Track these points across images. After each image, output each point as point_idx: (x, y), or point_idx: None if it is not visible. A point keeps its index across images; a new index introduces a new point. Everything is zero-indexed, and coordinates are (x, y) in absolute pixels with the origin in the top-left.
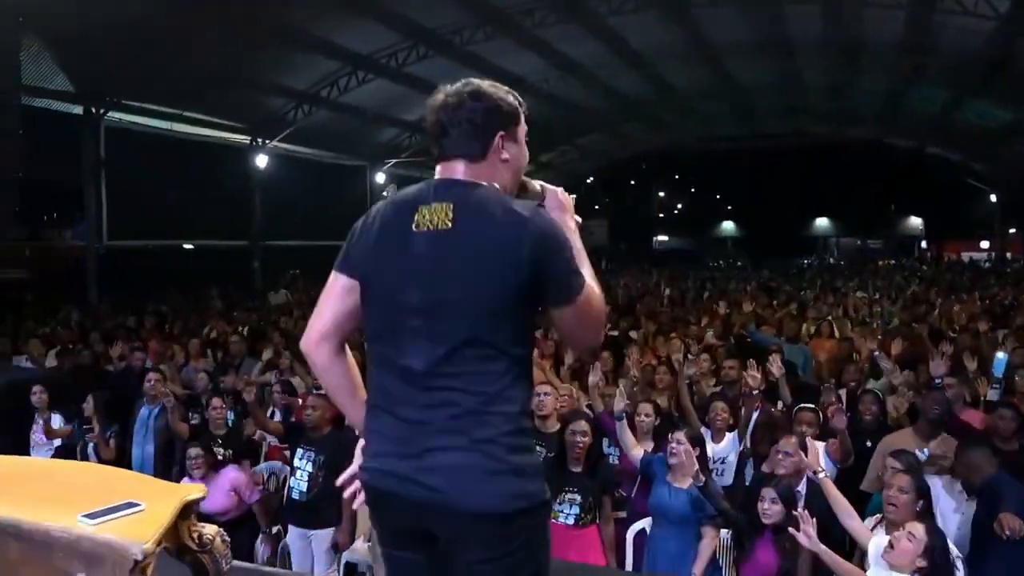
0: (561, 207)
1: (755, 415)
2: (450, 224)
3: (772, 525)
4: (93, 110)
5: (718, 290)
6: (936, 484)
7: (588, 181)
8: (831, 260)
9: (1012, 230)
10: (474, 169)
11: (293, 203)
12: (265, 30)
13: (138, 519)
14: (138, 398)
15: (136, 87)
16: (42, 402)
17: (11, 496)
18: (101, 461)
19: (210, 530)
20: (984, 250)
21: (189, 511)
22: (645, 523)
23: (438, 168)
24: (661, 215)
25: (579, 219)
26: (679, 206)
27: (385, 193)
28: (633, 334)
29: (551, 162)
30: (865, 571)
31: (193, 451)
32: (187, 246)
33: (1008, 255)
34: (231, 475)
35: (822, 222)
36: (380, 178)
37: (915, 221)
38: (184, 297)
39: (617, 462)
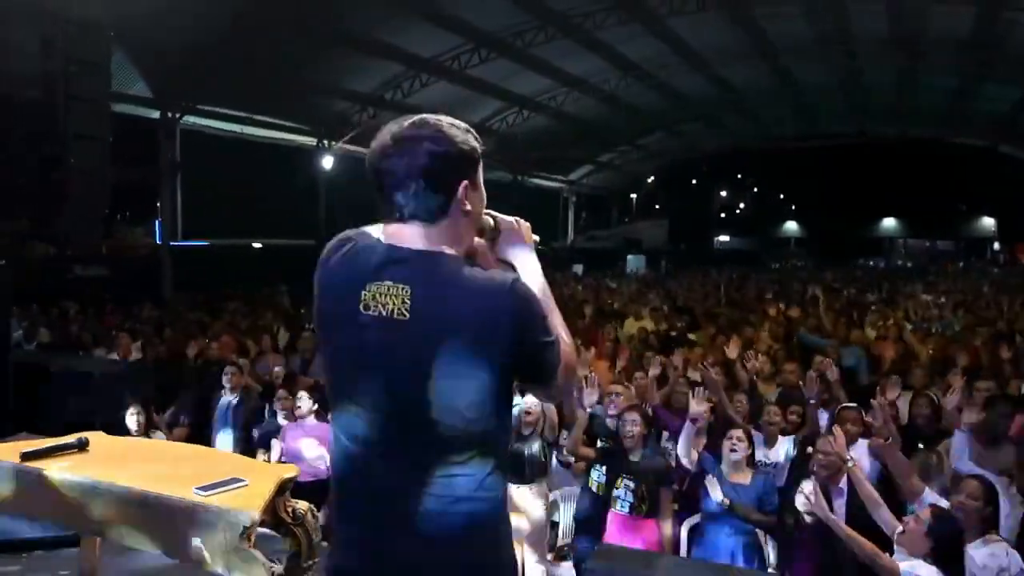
0: (520, 239)
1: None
2: (407, 314)
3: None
4: (170, 114)
5: (782, 292)
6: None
7: (648, 181)
8: (898, 261)
9: None
10: (434, 231)
11: (357, 203)
12: (330, 35)
13: (243, 493)
14: (215, 391)
15: (209, 92)
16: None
17: (135, 471)
18: None
19: (302, 506)
20: None
21: (285, 488)
22: (698, 518)
23: (387, 229)
24: (722, 215)
25: (537, 238)
26: (740, 206)
27: None
28: (692, 335)
29: (611, 162)
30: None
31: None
32: (256, 245)
33: None
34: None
35: (888, 222)
36: None
37: (987, 222)
38: (253, 294)
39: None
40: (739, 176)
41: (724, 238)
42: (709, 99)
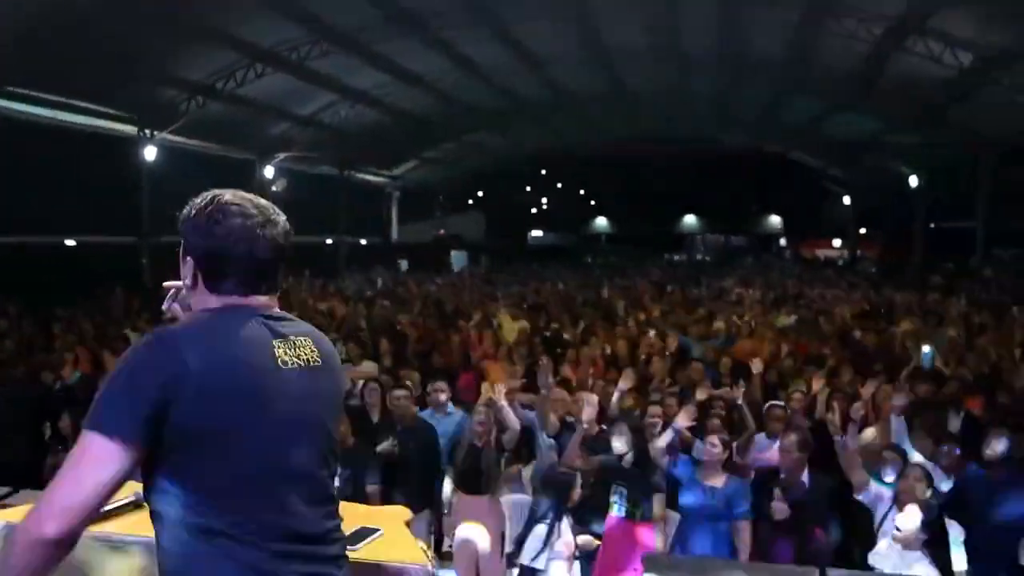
0: None
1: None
2: (320, 360)
3: (783, 521)
4: None
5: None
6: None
7: (466, 177)
8: (698, 256)
9: (863, 231)
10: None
11: (182, 197)
12: (161, 18)
13: (388, 541)
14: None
15: (19, 73)
16: None
17: None
18: None
19: (423, 544)
20: (836, 248)
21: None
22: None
23: (258, 300)
24: (534, 211)
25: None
26: (552, 203)
27: (275, 188)
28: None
29: (435, 158)
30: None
31: None
32: (69, 242)
33: (858, 253)
34: None
35: (690, 219)
36: (269, 172)
37: (775, 220)
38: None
39: None
40: (552, 174)
41: (538, 233)
42: (539, 100)
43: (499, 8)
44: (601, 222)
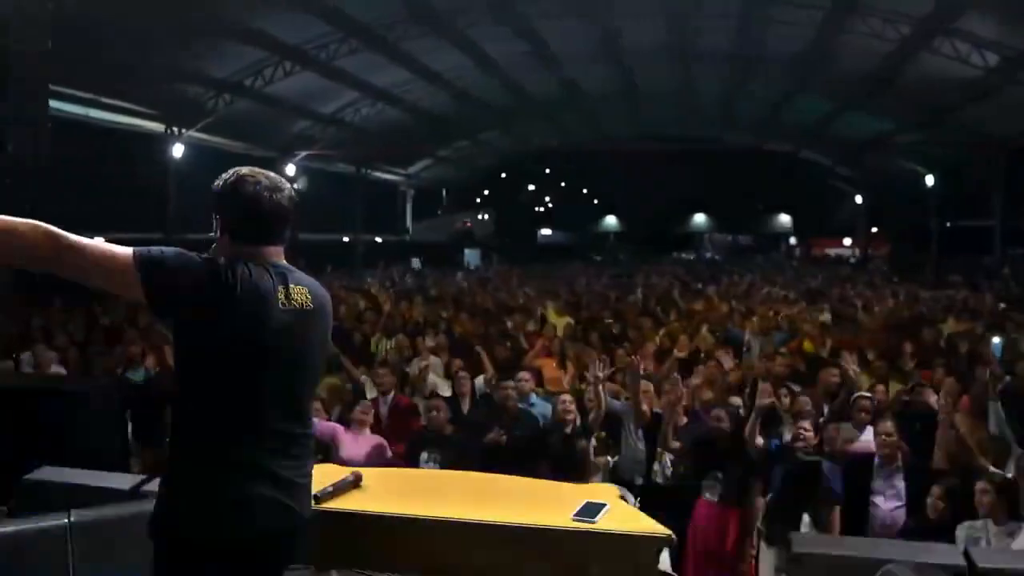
0: None
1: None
2: (312, 305)
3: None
4: None
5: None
6: None
7: (481, 176)
8: (706, 254)
9: (874, 229)
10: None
11: (206, 196)
12: (188, 16)
13: (621, 514)
14: None
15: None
16: None
17: (487, 506)
18: None
19: None
20: (846, 247)
21: None
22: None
23: (267, 250)
24: (540, 209)
25: None
26: (561, 201)
27: (296, 186)
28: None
29: (449, 157)
30: None
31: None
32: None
33: (868, 252)
34: (376, 440)
35: (699, 218)
36: (290, 170)
37: (783, 218)
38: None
39: None
40: (562, 173)
41: (546, 232)
42: (552, 98)
43: (523, 5)
44: (610, 221)
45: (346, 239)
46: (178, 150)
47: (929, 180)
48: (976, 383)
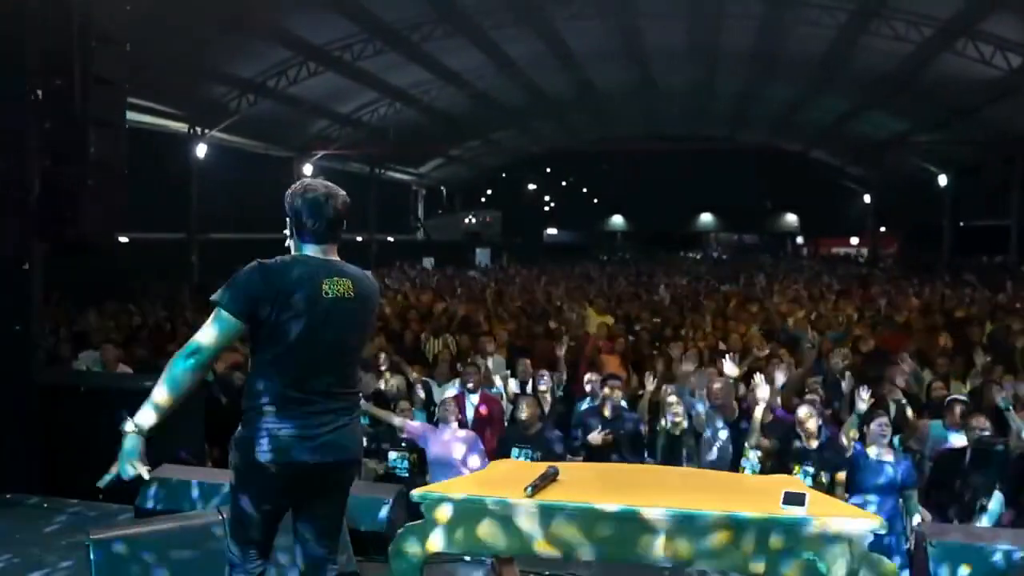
0: None
1: None
2: (353, 295)
3: None
4: None
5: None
6: None
7: (487, 175)
8: (713, 254)
9: (882, 228)
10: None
11: (231, 195)
12: (215, 14)
13: (820, 501)
14: None
15: None
16: None
17: (689, 496)
18: None
19: None
20: (853, 246)
21: None
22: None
23: (323, 248)
24: (547, 208)
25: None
26: (567, 200)
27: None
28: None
29: (460, 157)
30: None
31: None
32: (122, 239)
33: (877, 251)
34: (468, 436)
35: (706, 218)
36: (308, 170)
37: (790, 218)
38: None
39: None
40: (569, 171)
41: (552, 231)
42: (563, 97)
43: (551, 7)
44: (616, 220)
45: (359, 238)
46: (201, 150)
47: (942, 180)
48: None
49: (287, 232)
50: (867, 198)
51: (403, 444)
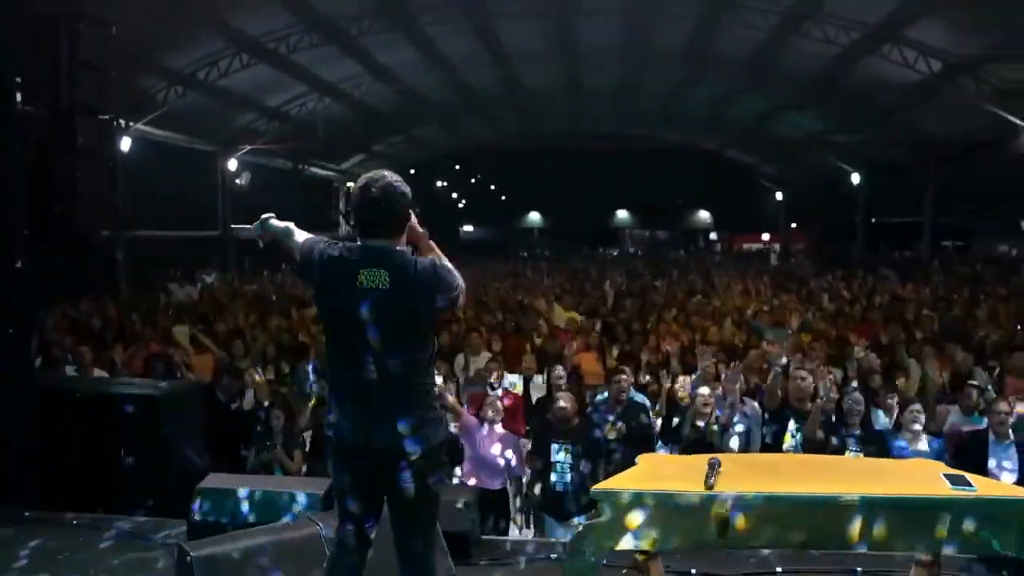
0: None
1: None
2: (388, 285)
3: None
4: None
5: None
6: None
7: (411, 172)
8: (629, 250)
9: (794, 225)
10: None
11: (156, 191)
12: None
13: (982, 483)
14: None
15: None
16: None
17: (856, 482)
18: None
19: None
20: (765, 242)
21: None
22: None
23: (366, 240)
24: (461, 205)
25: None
26: (482, 197)
27: (239, 182)
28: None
29: (383, 152)
30: None
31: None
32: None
33: (788, 247)
34: (510, 436)
35: (622, 214)
36: (232, 165)
37: (703, 215)
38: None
39: None
40: (484, 168)
41: (468, 228)
42: (495, 95)
43: (493, 3)
44: (534, 217)
45: None
46: (125, 144)
47: (855, 178)
48: None
49: None
50: (779, 195)
51: None
